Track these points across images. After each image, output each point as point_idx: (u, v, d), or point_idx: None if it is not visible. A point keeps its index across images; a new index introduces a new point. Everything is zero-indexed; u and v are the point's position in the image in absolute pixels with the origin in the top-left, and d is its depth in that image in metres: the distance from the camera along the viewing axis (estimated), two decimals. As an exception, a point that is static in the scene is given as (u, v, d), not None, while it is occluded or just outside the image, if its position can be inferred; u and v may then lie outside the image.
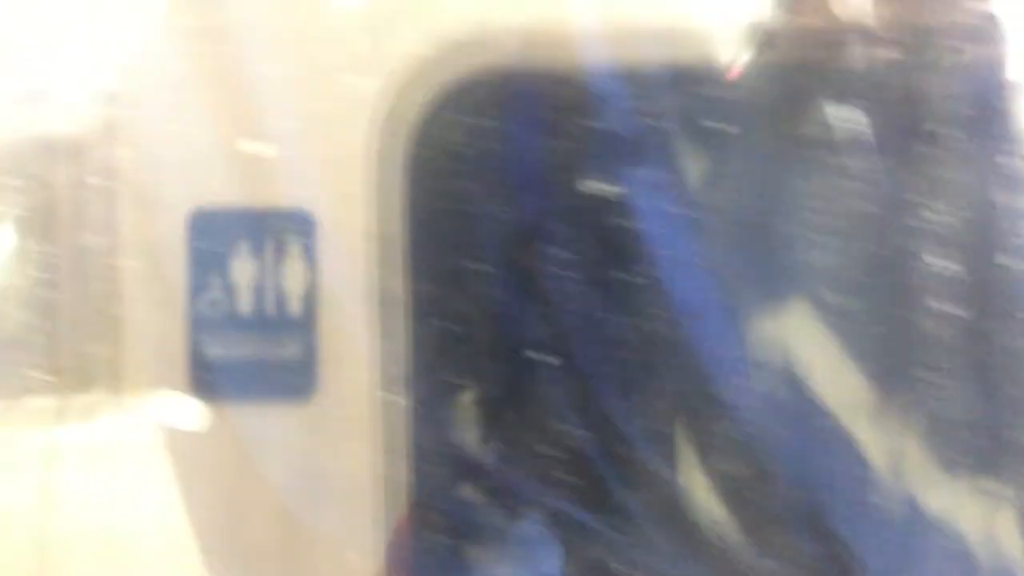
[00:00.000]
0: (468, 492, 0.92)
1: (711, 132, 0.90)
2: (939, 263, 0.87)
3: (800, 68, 0.89)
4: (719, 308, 0.90)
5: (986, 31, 0.88)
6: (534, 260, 0.92)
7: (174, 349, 0.89)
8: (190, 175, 0.90)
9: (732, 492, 0.91)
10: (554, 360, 0.91)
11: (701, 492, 0.92)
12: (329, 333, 0.89)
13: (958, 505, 0.89)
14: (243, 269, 0.90)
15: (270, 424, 0.89)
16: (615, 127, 0.88)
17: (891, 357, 0.90)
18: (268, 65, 0.89)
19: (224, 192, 0.90)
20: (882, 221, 0.89)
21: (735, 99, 0.89)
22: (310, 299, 0.89)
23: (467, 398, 0.95)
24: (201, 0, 0.89)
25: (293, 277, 0.90)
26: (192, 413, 0.90)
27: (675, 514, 0.91)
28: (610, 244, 0.91)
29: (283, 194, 0.90)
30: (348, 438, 0.89)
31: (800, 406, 0.92)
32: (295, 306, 0.89)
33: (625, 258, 0.90)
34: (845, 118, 0.89)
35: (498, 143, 0.90)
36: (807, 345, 0.91)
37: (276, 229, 0.90)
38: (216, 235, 0.90)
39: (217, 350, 0.89)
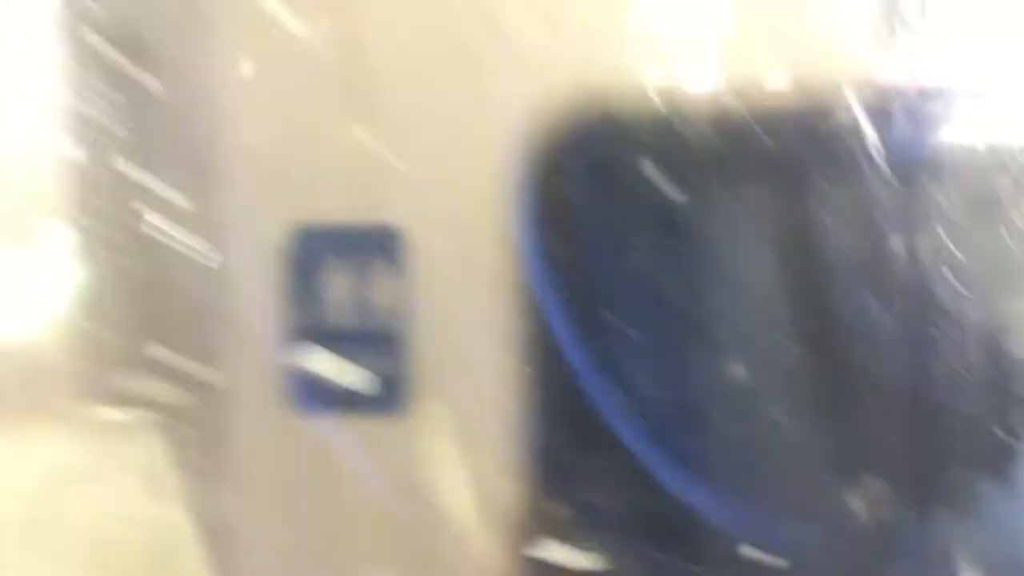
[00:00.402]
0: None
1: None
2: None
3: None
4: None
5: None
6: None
7: (268, 362, 0.90)
8: (289, 187, 0.90)
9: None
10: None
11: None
12: (424, 350, 0.89)
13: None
14: (337, 282, 0.90)
15: (363, 438, 0.89)
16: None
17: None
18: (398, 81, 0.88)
19: (321, 205, 0.90)
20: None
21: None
22: (405, 315, 0.89)
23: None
24: (336, 8, 0.89)
25: (388, 292, 0.90)
26: (285, 427, 0.90)
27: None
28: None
29: (383, 209, 0.90)
30: (442, 455, 0.89)
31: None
32: (390, 321, 0.89)
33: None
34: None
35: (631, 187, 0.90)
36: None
37: (373, 244, 0.90)
38: (311, 248, 0.90)
39: (311, 364, 0.90)
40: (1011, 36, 0.92)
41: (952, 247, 0.91)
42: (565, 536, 0.91)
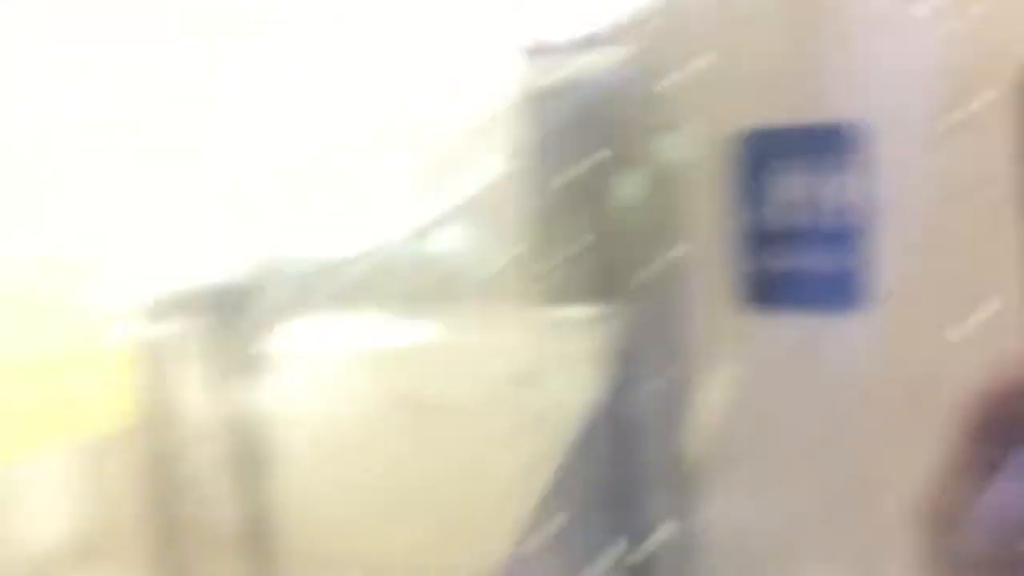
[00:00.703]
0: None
1: None
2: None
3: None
4: None
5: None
6: None
7: (726, 262, 0.93)
8: (741, 94, 0.92)
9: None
10: None
11: None
12: (886, 244, 0.90)
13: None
14: (796, 184, 0.92)
15: (826, 333, 0.92)
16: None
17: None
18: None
19: (776, 109, 0.92)
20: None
21: None
22: (865, 210, 0.90)
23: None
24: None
25: (848, 189, 0.91)
26: (739, 325, 0.94)
27: None
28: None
29: (837, 107, 0.90)
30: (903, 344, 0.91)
31: None
32: (851, 218, 0.91)
33: None
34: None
35: None
36: None
37: (822, 144, 0.91)
38: (769, 151, 0.92)
39: (772, 262, 0.92)
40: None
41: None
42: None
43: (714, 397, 0.96)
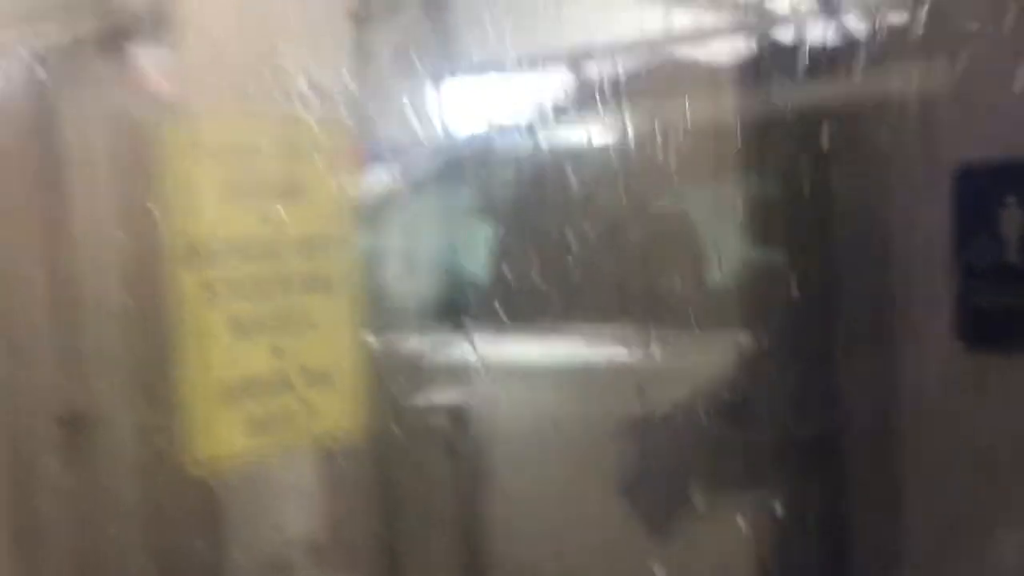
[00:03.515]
0: None
1: None
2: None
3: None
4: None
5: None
6: None
7: (942, 297, 0.92)
8: (955, 129, 0.90)
9: None
10: None
11: None
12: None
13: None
14: (1012, 219, 0.90)
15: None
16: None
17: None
18: None
19: (990, 145, 0.90)
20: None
21: None
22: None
23: None
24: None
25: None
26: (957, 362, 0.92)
27: None
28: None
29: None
30: None
31: None
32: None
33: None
34: None
35: None
36: None
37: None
38: (984, 187, 0.90)
39: (986, 298, 0.91)
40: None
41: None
42: None
43: (930, 436, 0.94)
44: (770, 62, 1.16)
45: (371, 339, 1.53)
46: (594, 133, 1.40)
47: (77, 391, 1.69)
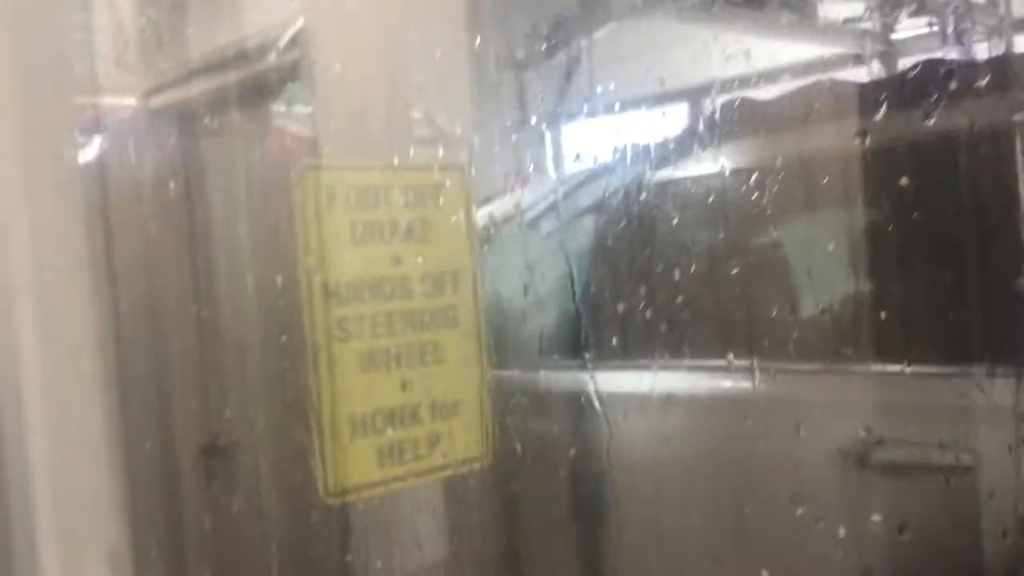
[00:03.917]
0: None
1: None
2: None
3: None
4: None
5: None
6: None
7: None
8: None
9: None
10: None
11: None
12: None
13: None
14: None
15: None
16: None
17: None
18: None
19: None
20: None
21: None
22: None
23: None
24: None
25: None
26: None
27: None
28: None
29: None
30: None
31: None
32: None
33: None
34: None
35: None
36: None
37: None
38: None
39: None
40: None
41: None
42: None
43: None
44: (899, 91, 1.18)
45: (495, 371, 1.59)
46: (720, 167, 1.44)
47: (219, 423, 1.79)
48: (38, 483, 1.43)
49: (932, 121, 1.10)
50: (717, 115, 1.42)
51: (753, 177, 1.31)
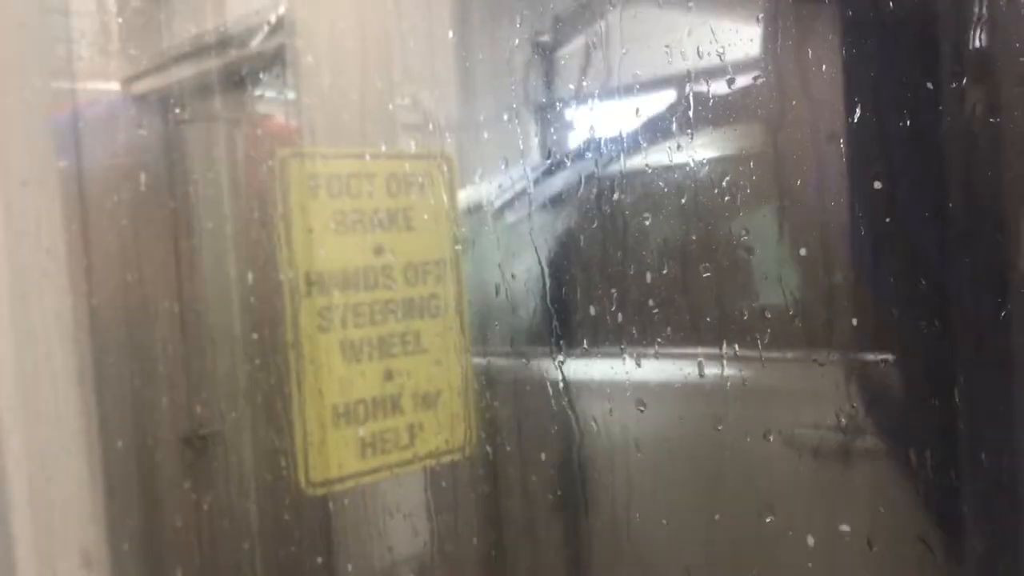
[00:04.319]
0: None
1: None
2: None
3: None
4: None
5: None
6: None
7: None
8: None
9: None
10: None
11: None
12: None
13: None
14: None
15: None
16: None
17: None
18: None
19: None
20: None
21: None
22: None
23: None
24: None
25: None
26: None
27: None
28: None
29: None
30: None
31: None
32: None
33: None
34: None
35: None
36: None
37: None
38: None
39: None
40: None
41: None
42: None
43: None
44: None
45: (476, 360, 1.58)
46: (701, 153, 1.42)
47: (201, 414, 1.78)
48: (13, 483, 1.41)
49: None
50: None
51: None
